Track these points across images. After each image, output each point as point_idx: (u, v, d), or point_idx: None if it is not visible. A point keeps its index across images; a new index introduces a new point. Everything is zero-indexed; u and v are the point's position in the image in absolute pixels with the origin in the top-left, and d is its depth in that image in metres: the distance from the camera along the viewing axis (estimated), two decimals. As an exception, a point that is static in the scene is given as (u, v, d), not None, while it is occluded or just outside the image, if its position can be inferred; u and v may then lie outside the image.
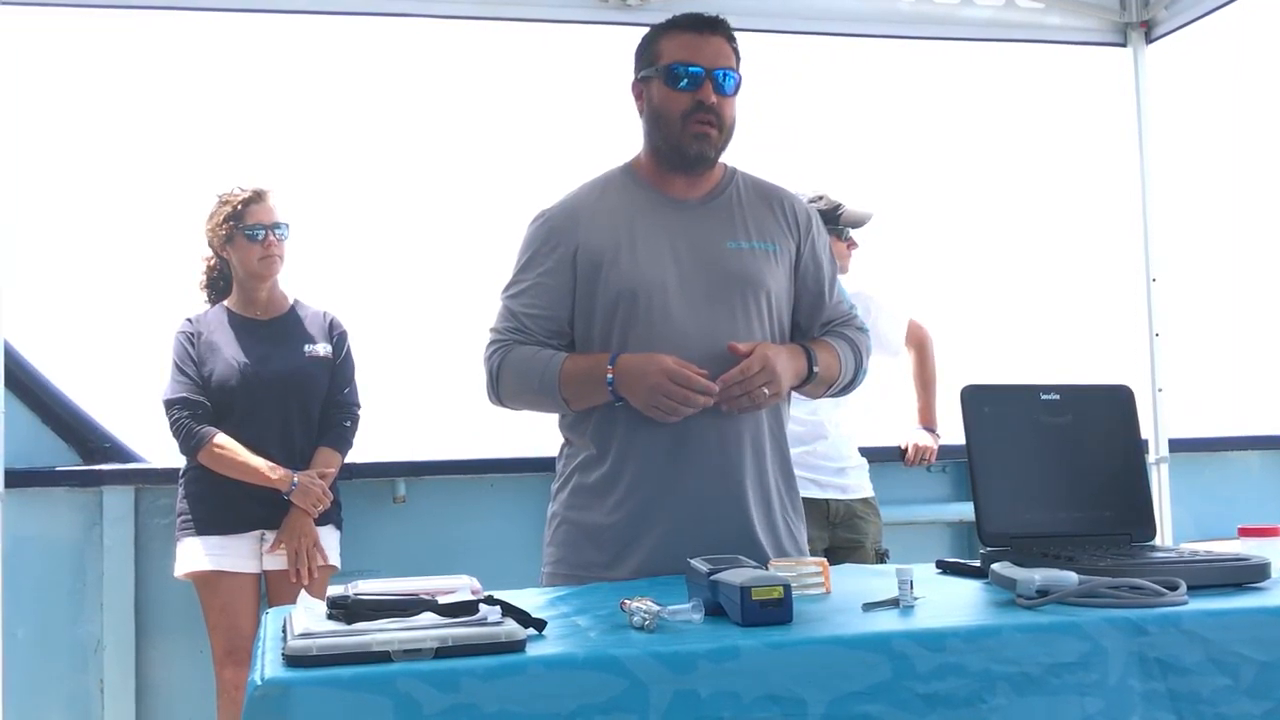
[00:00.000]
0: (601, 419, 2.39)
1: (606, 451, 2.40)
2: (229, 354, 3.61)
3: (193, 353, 3.62)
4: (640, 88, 2.48)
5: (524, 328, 2.42)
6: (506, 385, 2.43)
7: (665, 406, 2.25)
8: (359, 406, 3.78)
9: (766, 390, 2.30)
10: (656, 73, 2.42)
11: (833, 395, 2.63)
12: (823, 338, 2.52)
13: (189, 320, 3.69)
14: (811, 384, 2.47)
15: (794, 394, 2.53)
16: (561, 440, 2.53)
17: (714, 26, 2.43)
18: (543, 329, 2.42)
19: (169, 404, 3.58)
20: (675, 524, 2.34)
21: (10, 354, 3.80)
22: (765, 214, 2.51)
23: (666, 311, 2.36)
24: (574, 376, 2.35)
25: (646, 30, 2.51)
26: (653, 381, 2.24)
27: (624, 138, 2.54)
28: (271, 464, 3.53)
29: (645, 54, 2.47)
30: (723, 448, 2.37)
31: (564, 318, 2.42)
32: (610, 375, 2.29)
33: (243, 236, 3.64)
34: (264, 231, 3.63)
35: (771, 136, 2.49)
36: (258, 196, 3.66)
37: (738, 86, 2.43)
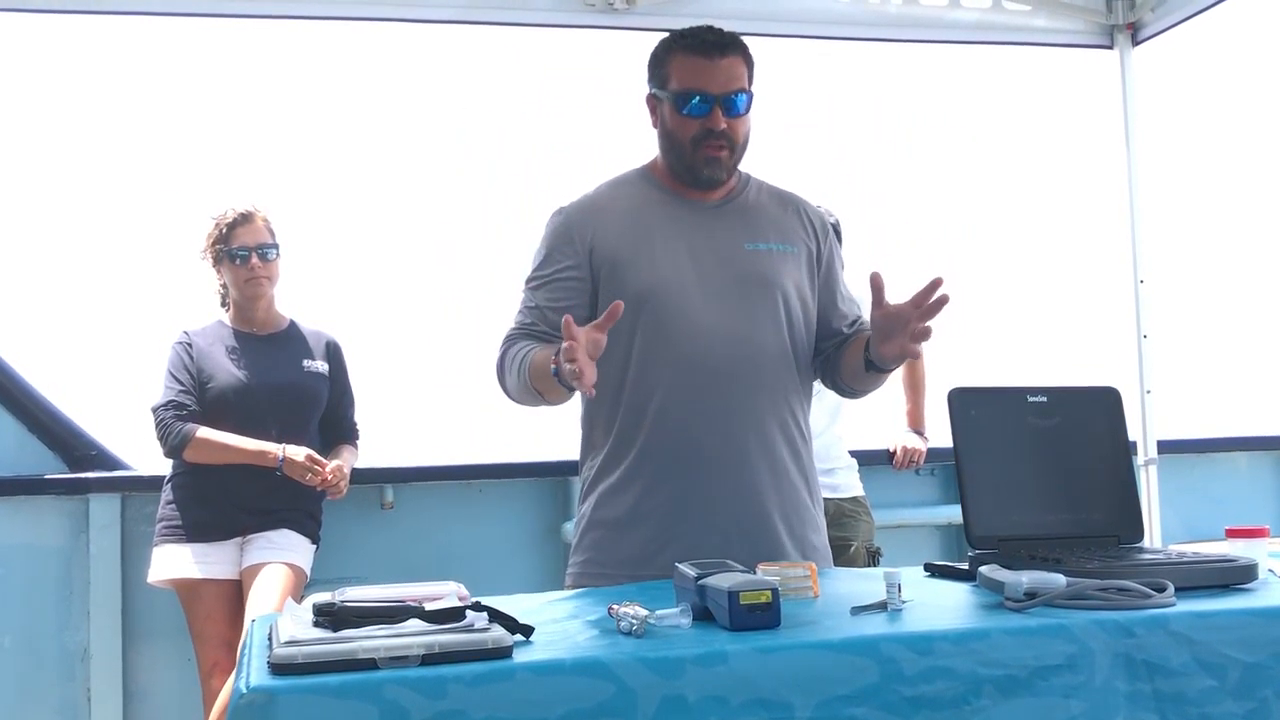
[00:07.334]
0: (624, 418, 2.39)
1: (629, 450, 2.39)
2: (228, 364, 3.62)
3: (189, 363, 3.61)
4: (653, 102, 2.48)
5: (544, 319, 2.41)
6: (503, 380, 2.44)
7: (569, 372, 2.10)
8: (359, 434, 3.88)
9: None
10: (666, 96, 2.42)
11: (863, 395, 2.65)
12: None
13: (186, 333, 3.69)
14: (876, 376, 2.47)
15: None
16: (582, 440, 2.53)
17: (723, 49, 2.39)
18: None
19: (156, 408, 3.57)
20: (702, 520, 2.34)
21: (-4, 362, 3.79)
22: (783, 217, 2.53)
23: (684, 311, 2.37)
24: (535, 373, 2.32)
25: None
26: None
27: (614, 140, 2.55)
28: (258, 441, 3.54)
29: (656, 71, 2.46)
30: (740, 445, 2.38)
31: (584, 314, 2.39)
32: (555, 366, 2.20)
33: (228, 259, 3.65)
34: (248, 254, 3.63)
35: (756, 140, 2.47)
36: (244, 218, 3.65)
37: (749, 104, 2.42)
